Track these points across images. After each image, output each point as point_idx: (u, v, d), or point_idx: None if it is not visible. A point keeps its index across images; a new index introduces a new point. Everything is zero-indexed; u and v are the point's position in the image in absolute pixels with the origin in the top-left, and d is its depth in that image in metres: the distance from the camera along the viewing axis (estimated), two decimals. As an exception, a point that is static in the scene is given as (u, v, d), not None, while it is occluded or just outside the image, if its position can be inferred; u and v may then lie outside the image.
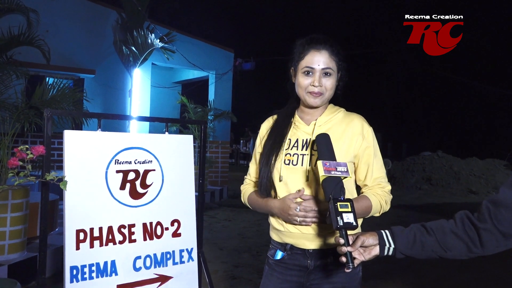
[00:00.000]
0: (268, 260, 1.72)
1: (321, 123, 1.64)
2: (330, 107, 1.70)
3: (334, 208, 1.27)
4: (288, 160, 1.62)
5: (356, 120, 1.65)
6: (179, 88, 12.07)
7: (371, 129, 1.65)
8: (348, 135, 1.61)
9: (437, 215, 4.29)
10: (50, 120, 1.85)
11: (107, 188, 2.02)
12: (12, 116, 3.49)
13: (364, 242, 1.26)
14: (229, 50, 10.54)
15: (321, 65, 1.56)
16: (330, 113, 1.67)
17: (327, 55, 1.57)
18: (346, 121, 1.65)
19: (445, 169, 13.44)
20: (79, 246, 1.91)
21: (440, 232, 1.24)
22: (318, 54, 1.57)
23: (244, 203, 1.82)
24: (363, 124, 1.64)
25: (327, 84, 1.58)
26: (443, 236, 1.23)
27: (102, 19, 8.62)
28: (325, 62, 1.56)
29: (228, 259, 4.84)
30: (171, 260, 2.19)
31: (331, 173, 1.35)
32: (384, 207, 1.61)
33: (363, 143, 1.61)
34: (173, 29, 8.85)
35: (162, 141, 2.25)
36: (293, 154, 1.62)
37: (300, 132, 1.66)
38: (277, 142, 1.67)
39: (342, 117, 1.67)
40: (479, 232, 1.19)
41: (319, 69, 1.56)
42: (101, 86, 8.56)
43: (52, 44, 6.15)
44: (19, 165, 1.53)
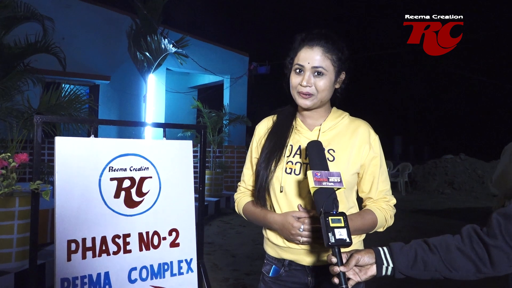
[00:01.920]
0: (263, 277, 1.58)
1: (325, 129, 1.50)
2: (334, 111, 1.56)
3: (325, 223, 1.14)
4: (290, 169, 1.47)
5: (363, 127, 1.51)
6: (195, 93, 12.08)
7: (378, 137, 1.52)
8: (355, 143, 1.47)
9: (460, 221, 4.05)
10: (40, 127, 1.78)
11: (100, 197, 1.94)
12: (18, 123, 3.48)
13: (359, 260, 1.13)
14: (244, 54, 10.49)
15: (311, 63, 1.41)
16: (335, 118, 1.53)
17: (320, 53, 1.41)
18: (351, 127, 1.51)
19: (468, 172, 13.05)
20: (70, 257, 1.83)
21: (445, 250, 1.10)
22: (310, 51, 1.42)
23: (239, 213, 1.67)
24: (370, 132, 1.50)
25: (318, 84, 1.42)
26: (448, 254, 1.09)
27: (117, 25, 8.69)
28: (317, 60, 1.41)
29: (240, 266, 4.73)
30: (168, 272, 2.10)
31: (323, 184, 1.21)
32: (389, 222, 1.49)
33: (370, 152, 1.47)
34: (186, 34, 8.86)
35: (159, 147, 2.16)
36: (295, 163, 1.47)
37: (303, 138, 1.52)
38: (278, 146, 1.51)
39: (347, 123, 1.53)
40: (488, 249, 1.04)
41: (309, 67, 1.41)
42: (116, 92, 8.62)
43: (67, 51, 6.21)
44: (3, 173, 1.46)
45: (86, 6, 8.46)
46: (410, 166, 12.97)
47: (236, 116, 9.01)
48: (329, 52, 1.42)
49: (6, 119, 3.48)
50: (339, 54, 1.45)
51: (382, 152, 1.51)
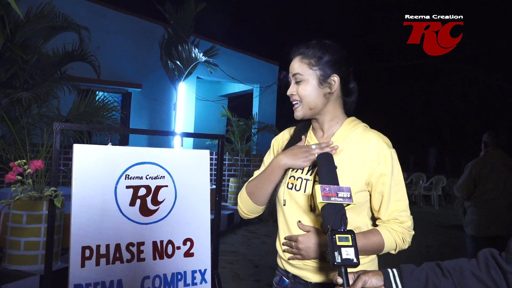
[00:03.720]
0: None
1: (335, 143, 1.42)
2: (348, 122, 1.46)
3: (332, 241, 1.07)
4: (291, 184, 1.44)
5: (372, 140, 1.39)
6: (225, 101, 12.17)
7: (393, 151, 1.39)
8: (360, 158, 1.37)
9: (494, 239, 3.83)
10: (58, 134, 1.82)
11: (116, 204, 1.96)
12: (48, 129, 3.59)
13: (367, 283, 1.06)
14: (274, 63, 10.50)
15: (291, 71, 1.45)
16: (347, 130, 1.43)
17: (298, 60, 1.43)
18: (360, 140, 1.40)
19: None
20: (84, 263, 1.85)
21: (459, 275, 1.02)
22: (292, 62, 1.46)
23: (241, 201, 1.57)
24: (380, 145, 1.38)
25: (299, 91, 1.42)
26: (462, 279, 1.01)
27: (150, 34, 8.90)
28: (294, 68, 1.43)
29: (263, 277, 4.68)
30: (182, 281, 2.09)
31: (331, 200, 1.14)
32: (401, 245, 1.37)
33: (377, 168, 1.36)
34: (217, 42, 8.95)
35: (176, 156, 2.17)
36: (297, 178, 1.43)
37: None
38: None
39: (359, 134, 1.42)
40: (506, 276, 0.96)
41: (291, 76, 1.45)
42: (147, 100, 8.80)
43: (102, 60, 6.40)
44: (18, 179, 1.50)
45: (120, 15, 8.72)
46: (444, 179, 12.54)
47: (265, 125, 9.00)
48: (305, 57, 1.42)
49: (37, 124, 3.60)
50: (318, 56, 1.40)
51: (397, 169, 1.40)
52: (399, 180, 1.40)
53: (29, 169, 1.48)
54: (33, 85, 4.90)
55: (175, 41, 8.33)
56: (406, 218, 1.39)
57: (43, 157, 3.65)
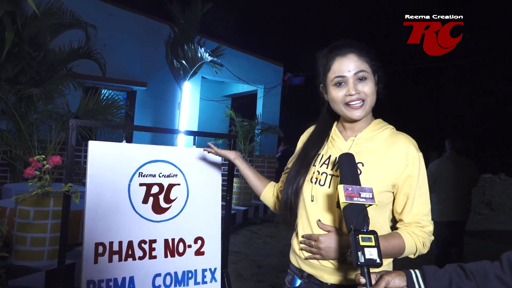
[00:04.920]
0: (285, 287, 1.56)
1: (360, 141, 1.42)
2: (376, 123, 1.45)
3: (355, 241, 1.08)
4: (315, 179, 1.44)
5: (402, 142, 1.38)
6: (229, 101, 12.18)
7: (420, 155, 1.38)
8: (389, 159, 1.36)
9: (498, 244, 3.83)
10: (74, 130, 1.83)
11: (129, 201, 1.97)
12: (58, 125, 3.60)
13: (390, 283, 1.07)
14: (279, 65, 10.51)
15: (352, 70, 1.35)
16: (374, 130, 1.43)
17: (356, 58, 1.36)
18: (389, 141, 1.39)
19: (507, 193, 12.48)
20: (97, 260, 1.86)
21: (482, 277, 1.03)
22: (345, 59, 1.36)
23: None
24: (409, 148, 1.37)
25: (365, 89, 1.36)
26: (486, 282, 1.02)
27: (156, 33, 8.91)
28: (356, 66, 1.35)
29: (266, 278, 4.68)
30: (192, 280, 2.10)
31: (354, 200, 1.15)
32: (421, 249, 1.36)
33: (405, 170, 1.35)
34: (222, 43, 8.96)
35: (189, 155, 2.18)
36: (322, 173, 1.43)
37: (335, 148, 1.46)
38: (308, 156, 1.48)
39: (387, 136, 1.42)
40: None
41: (351, 75, 1.36)
42: (152, 98, 8.81)
43: (108, 58, 6.42)
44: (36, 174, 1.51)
45: (127, 14, 8.74)
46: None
47: (269, 126, 9.00)
48: (363, 56, 1.38)
49: (46, 121, 3.61)
50: (370, 56, 1.40)
51: (424, 172, 1.38)
52: (424, 184, 1.39)
53: (47, 164, 1.49)
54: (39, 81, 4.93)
55: (181, 40, 8.34)
56: (427, 223, 1.38)
57: (51, 153, 3.66)
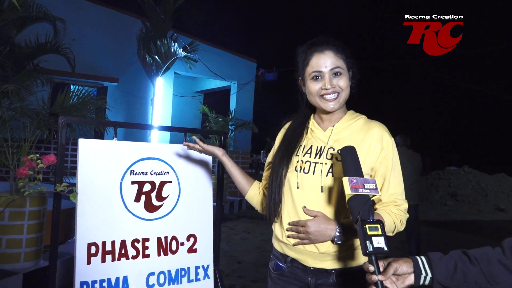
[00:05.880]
0: (270, 273, 1.62)
1: (338, 130, 1.52)
2: (350, 113, 1.58)
3: (363, 231, 1.13)
4: (300, 168, 1.51)
5: (376, 128, 1.51)
6: (201, 97, 12.09)
7: (392, 140, 1.51)
8: (366, 144, 1.47)
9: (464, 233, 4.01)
10: (64, 128, 1.78)
11: (121, 200, 1.93)
12: (33, 123, 3.47)
13: (398, 269, 1.11)
14: (252, 60, 10.51)
15: (328, 66, 1.46)
16: (350, 119, 1.55)
17: (332, 55, 1.47)
18: (365, 129, 1.51)
19: (471, 185, 13.01)
20: (90, 260, 1.82)
21: (486, 262, 1.09)
22: (323, 55, 1.47)
23: None
24: (383, 134, 1.50)
25: (340, 83, 1.47)
26: (489, 266, 1.08)
27: (127, 28, 8.72)
28: (332, 62, 1.46)
29: (246, 273, 4.70)
30: (186, 277, 2.08)
31: (358, 191, 1.20)
32: (399, 227, 1.46)
33: (381, 154, 1.47)
34: (196, 38, 8.87)
35: (180, 152, 2.16)
36: (305, 162, 1.51)
37: (315, 139, 1.55)
38: (290, 147, 1.56)
39: (362, 124, 1.54)
40: None
41: (327, 70, 1.46)
42: (124, 95, 8.62)
43: (77, 53, 6.22)
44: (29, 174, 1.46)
45: (97, 8, 8.50)
46: (413, 177, 12.92)
47: (243, 122, 9.00)
48: (339, 53, 1.48)
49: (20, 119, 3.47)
50: (346, 53, 1.51)
51: (396, 155, 1.50)
52: (397, 166, 1.50)
53: (41, 163, 1.44)
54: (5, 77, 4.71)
55: (154, 35, 8.20)
56: (402, 201, 1.48)
57: (26, 152, 3.53)
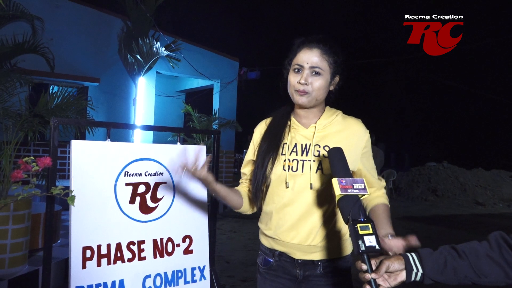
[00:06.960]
0: (259, 268, 1.64)
1: (321, 127, 1.56)
2: (328, 110, 1.62)
3: (354, 231, 1.14)
4: (287, 166, 1.52)
5: (356, 124, 1.59)
6: (183, 97, 11.99)
7: (368, 133, 1.61)
8: (352, 141, 1.54)
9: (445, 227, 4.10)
10: (56, 129, 1.73)
11: (116, 202, 1.90)
12: (15, 125, 3.37)
13: (390, 267, 1.14)
14: (234, 59, 10.48)
15: (309, 63, 1.49)
16: (330, 116, 1.59)
17: (318, 54, 1.49)
18: (345, 125, 1.58)
19: (451, 180, 13.29)
20: (85, 264, 1.78)
21: (474, 256, 1.12)
22: (309, 52, 1.49)
23: None
24: (362, 128, 1.58)
25: (314, 83, 1.49)
26: (477, 260, 1.11)
27: (107, 27, 8.56)
28: (314, 61, 1.48)
29: (235, 272, 4.69)
30: (182, 279, 2.06)
31: (348, 192, 1.21)
32: (388, 203, 1.58)
33: (363, 149, 1.56)
34: (178, 37, 8.78)
35: (174, 152, 2.13)
36: (293, 160, 1.52)
37: (299, 136, 1.57)
38: (274, 145, 1.57)
39: (340, 120, 1.59)
40: None
41: (307, 67, 1.49)
42: (105, 95, 8.47)
43: (56, 52, 6.07)
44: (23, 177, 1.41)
45: (76, 6, 8.31)
46: (394, 173, 13.11)
47: (227, 121, 8.97)
48: (326, 54, 1.50)
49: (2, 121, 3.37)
50: (335, 57, 1.52)
51: (370, 146, 1.60)
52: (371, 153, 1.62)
53: (36, 166, 1.39)
54: (-18, 77, 4.57)
55: (135, 34, 8.08)
56: (381, 180, 1.62)
57: (8, 155, 3.43)
